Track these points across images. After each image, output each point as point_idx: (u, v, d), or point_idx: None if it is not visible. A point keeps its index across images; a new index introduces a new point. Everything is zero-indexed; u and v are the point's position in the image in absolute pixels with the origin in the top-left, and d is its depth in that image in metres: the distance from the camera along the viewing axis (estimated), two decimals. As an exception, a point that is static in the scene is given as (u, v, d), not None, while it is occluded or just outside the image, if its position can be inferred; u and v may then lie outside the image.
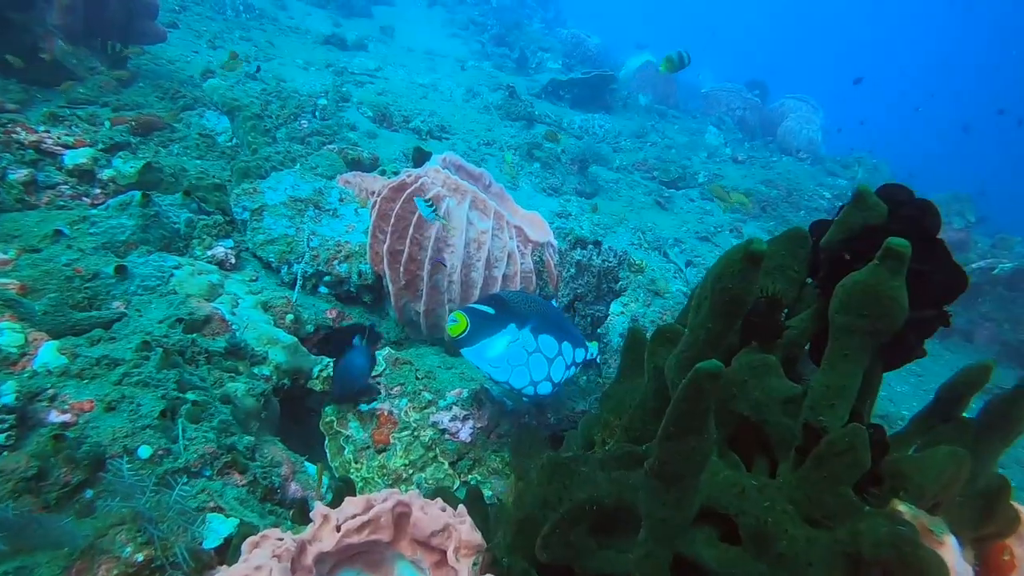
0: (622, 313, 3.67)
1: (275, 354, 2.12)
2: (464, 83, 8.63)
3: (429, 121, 6.43)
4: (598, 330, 2.40)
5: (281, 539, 1.14)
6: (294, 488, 1.70)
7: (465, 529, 1.22)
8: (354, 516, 1.25)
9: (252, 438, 1.67)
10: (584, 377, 2.47)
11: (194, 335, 1.93)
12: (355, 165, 4.33)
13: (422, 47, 10.16)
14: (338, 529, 1.22)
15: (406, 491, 2.12)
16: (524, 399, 2.14)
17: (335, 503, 1.64)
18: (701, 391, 0.84)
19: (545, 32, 12.76)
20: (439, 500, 1.33)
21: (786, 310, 1.16)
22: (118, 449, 1.36)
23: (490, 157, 6.43)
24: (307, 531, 1.22)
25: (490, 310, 1.95)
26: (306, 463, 1.85)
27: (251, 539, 1.13)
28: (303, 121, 5.19)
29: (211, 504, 1.40)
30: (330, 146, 4.71)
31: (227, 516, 1.36)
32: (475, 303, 2.00)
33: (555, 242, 2.78)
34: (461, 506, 1.29)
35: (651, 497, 0.93)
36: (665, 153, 8.50)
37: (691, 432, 0.86)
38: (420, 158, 3.85)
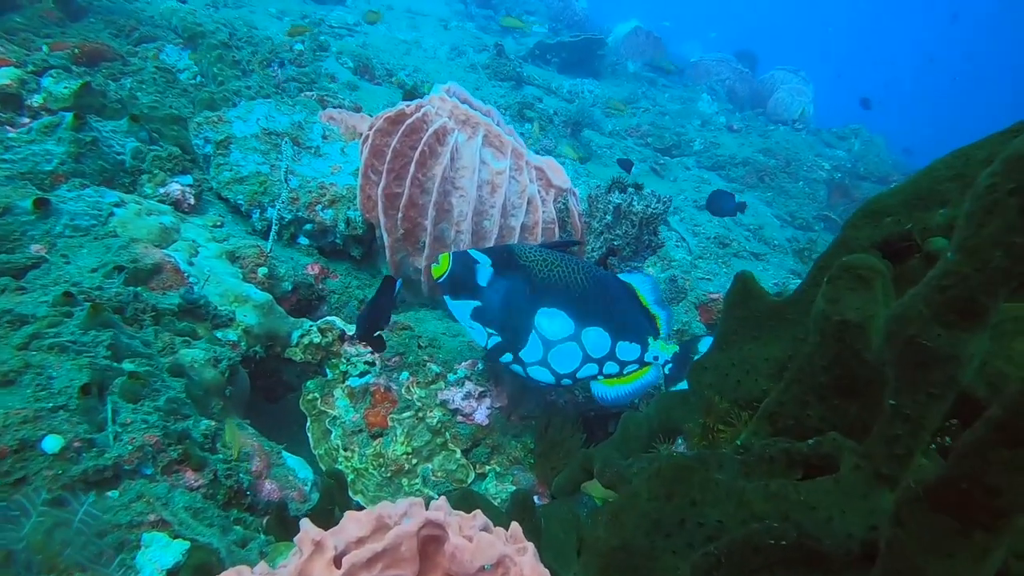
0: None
1: (244, 314, 1.69)
2: (448, 42, 8.17)
3: (415, 76, 5.95)
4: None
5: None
6: (269, 488, 1.29)
7: (528, 564, 0.82)
8: (360, 541, 0.85)
9: (212, 422, 1.25)
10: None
11: (138, 288, 1.50)
12: (336, 114, 3.86)
13: (402, 5, 9.61)
14: (337, 564, 0.81)
15: (417, 492, 1.72)
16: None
17: (323, 512, 1.24)
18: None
19: (531, -7, 12.23)
20: (479, 514, 0.93)
21: None
22: (8, 442, 0.93)
23: (482, 118, 6.00)
24: (290, 567, 0.81)
25: (485, 259, 1.56)
26: (284, 453, 1.43)
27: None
28: (277, 67, 4.68)
29: (150, 518, 0.98)
30: (308, 93, 4.22)
31: (173, 536, 0.95)
32: (477, 249, 1.60)
33: (577, 191, 2.37)
34: (515, 525, 0.89)
35: (925, 542, 0.53)
36: (659, 119, 8.17)
37: None
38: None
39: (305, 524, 0.83)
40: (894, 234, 0.80)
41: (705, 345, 2.08)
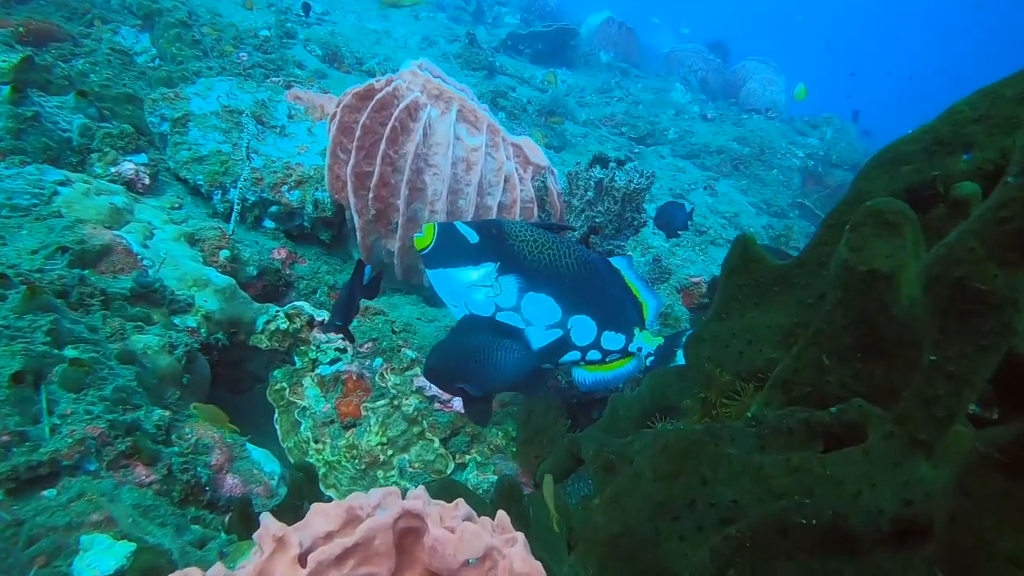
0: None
1: (204, 299, 1.58)
2: (419, 32, 8.05)
3: (385, 65, 5.81)
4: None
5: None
6: (231, 482, 1.19)
7: (518, 556, 0.74)
8: (329, 536, 0.75)
9: (167, 412, 1.14)
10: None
11: (85, 271, 1.37)
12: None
13: (371, -6, 9.45)
14: (302, 562, 0.72)
15: (394, 485, 1.62)
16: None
17: (290, 507, 1.14)
18: None
19: (503, -16, 12.13)
20: (461, 503, 0.84)
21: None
22: (-79, 435, 0.82)
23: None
24: (248, 567, 0.71)
25: (472, 234, 1.47)
26: (249, 445, 1.33)
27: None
28: (242, 54, 4.51)
29: (93, 518, 0.87)
30: (275, 79, 4.06)
31: (117, 538, 0.84)
32: (465, 222, 1.51)
33: (555, 169, 2.28)
34: (502, 514, 0.81)
35: (998, 512, 0.45)
36: (633, 109, 8.17)
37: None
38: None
39: (266, 519, 0.74)
40: (916, 183, 0.73)
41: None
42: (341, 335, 1.70)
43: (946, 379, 0.51)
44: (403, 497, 0.83)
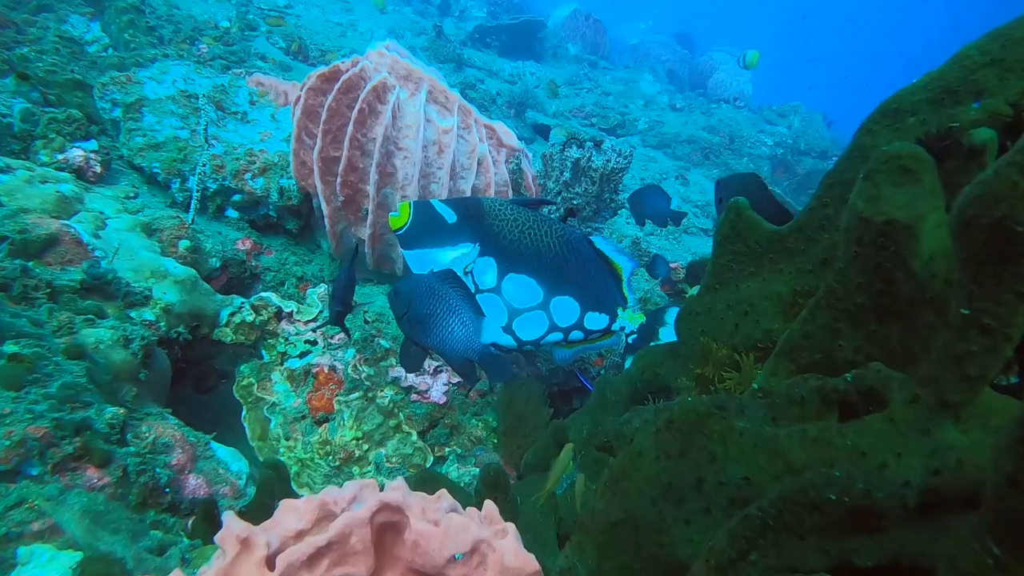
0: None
1: (163, 291, 1.48)
2: (385, 24, 7.93)
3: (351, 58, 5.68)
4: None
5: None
6: (194, 483, 1.10)
7: (509, 549, 0.68)
8: (300, 535, 0.68)
9: (120, 410, 1.05)
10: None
11: (28, 262, 1.27)
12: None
13: (336, -12, 9.28)
14: (270, 565, 0.65)
15: (373, 478, 1.55)
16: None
17: (260, 507, 1.06)
18: None
19: (469, -23, 12.03)
20: (444, 494, 0.78)
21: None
22: None
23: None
24: (210, 572, 0.64)
25: (450, 213, 1.40)
26: (214, 444, 1.24)
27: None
28: (202, 45, 4.35)
29: (34, 527, 0.79)
30: (237, 71, 3.92)
31: (64, 547, 0.76)
32: (443, 200, 1.45)
33: (529, 153, 2.22)
34: (490, 504, 0.75)
35: None
36: (603, 99, 8.18)
37: None
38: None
39: (228, 518, 0.66)
40: (930, 134, 0.69)
41: (672, 315, 1.96)
42: (338, 326, 1.62)
43: (981, 333, 0.47)
44: (381, 489, 0.76)
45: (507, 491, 0.84)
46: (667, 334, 1.52)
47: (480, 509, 0.90)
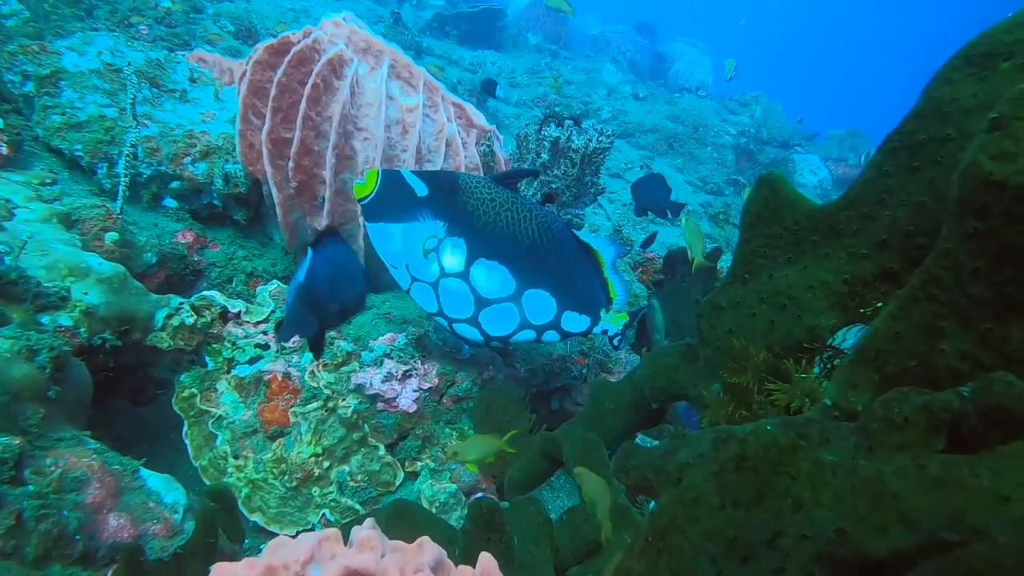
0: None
1: (84, 291, 1.27)
2: (339, 10, 7.65)
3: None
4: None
5: None
6: (115, 524, 0.91)
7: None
8: (237, 617, 0.51)
9: (16, 440, 0.85)
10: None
11: (-92, 259, 1.05)
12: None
13: (290, -25, 8.94)
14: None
15: (332, 504, 1.37)
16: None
17: (200, 547, 0.88)
18: None
19: (426, -36, 11.81)
20: (426, 543, 0.61)
21: None
22: None
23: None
24: None
25: (421, 186, 1.24)
26: (143, 471, 1.05)
27: None
28: (141, 27, 4.04)
29: None
30: (182, 54, 3.64)
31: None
32: (415, 171, 1.28)
33: (500, 135, 2.06)
34: (487, 558, 0.58)
35: None
36: (565, 89, 8.08)
37: None
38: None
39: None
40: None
41: (655, 312, 1.82)
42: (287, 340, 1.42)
43: None
44: (345, 538, 0.59)
45: (503, 532, 0.68)
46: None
47: (466, 553, 0.74)
